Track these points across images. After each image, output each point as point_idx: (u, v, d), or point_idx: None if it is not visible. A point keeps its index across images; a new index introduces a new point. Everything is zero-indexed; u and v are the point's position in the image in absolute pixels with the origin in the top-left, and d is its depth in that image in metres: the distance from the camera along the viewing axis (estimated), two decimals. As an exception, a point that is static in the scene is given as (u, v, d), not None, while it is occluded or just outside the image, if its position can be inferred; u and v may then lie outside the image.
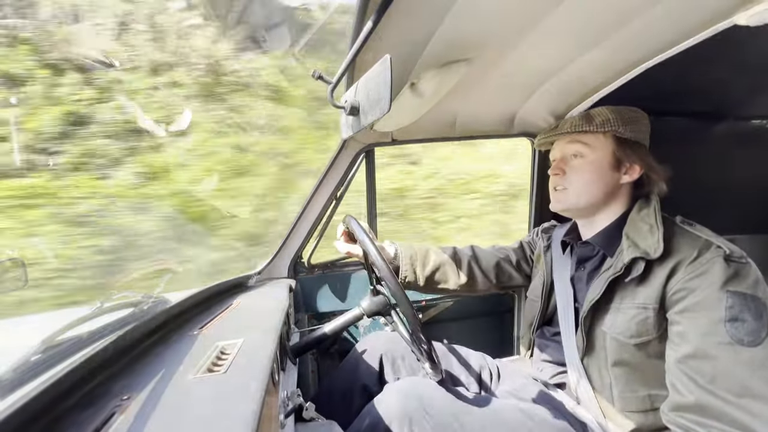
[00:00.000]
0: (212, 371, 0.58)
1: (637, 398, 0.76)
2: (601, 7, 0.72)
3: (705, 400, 0.62)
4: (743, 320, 0.63)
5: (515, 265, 1.17)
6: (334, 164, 1.27)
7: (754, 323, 0.62)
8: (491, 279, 1.15)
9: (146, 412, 0.48)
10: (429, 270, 1.09)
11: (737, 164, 1.70)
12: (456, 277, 1.12)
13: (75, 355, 0.57)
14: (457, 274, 1.12)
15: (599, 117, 0.85)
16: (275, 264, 1.32)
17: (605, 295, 0.80)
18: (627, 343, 0.75)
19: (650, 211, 0.81)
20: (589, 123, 0.85)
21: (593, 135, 0.86)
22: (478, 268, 1.14)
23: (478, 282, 1.14)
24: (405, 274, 1.07)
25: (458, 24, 0.74)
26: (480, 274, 1.14)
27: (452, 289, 1.12)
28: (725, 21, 0.69)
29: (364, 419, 0.79)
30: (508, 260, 1.17)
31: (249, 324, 0.81)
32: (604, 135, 0.85)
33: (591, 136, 0.86)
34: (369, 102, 0.61)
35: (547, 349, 0.99)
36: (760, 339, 0.61)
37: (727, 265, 0.67)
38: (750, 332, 0.62)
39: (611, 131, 0.84)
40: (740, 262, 0.68)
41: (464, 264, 1.14)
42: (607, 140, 0.85)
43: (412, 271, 1.08)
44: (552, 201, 0.94)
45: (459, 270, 1.13)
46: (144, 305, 0.88)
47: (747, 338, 0.62)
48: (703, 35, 0.74)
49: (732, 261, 0.68)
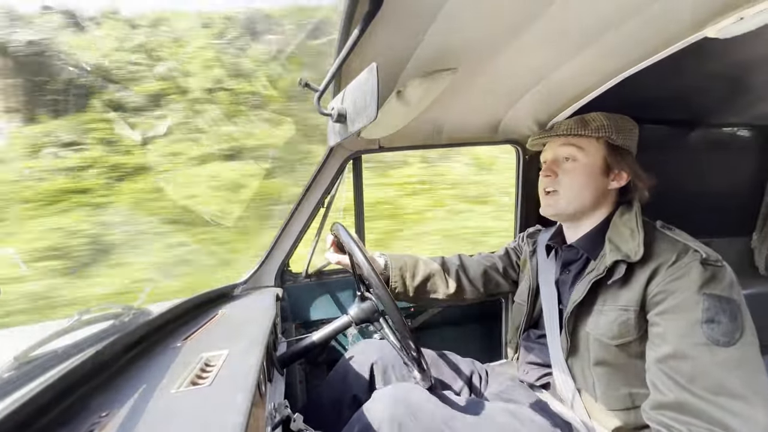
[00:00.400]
0: (196, 384, 0.56)
1: (619, 397, 0.78)
2: (581, 17, 0.75)
3: (684, 398, 0.65)
4: (719, 322, 0.65)
5: (502, 272, 1.18)
6: (321, 171, 1.27)
7: (729, 324, 0.65)
8: (479, 287, 1.16)
9: (126, 428, 0.46)
10: (418, 280, 1.10)
11: (713, 169, 1.77)
12: (445, 287, 1.13)
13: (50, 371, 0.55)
14: (446, 283, 1.13)
15: (595, 122, 0.86)
16: (261, 272, 1.30)
17: (588, 297, 0.82)
18: (609, 344, 0.77)
19: (632, 216, 0.83)
20: (585, 127, 0.86)
21: (587, 139, 0.87)
22: (466, 278, 1.15)
23: (467, 291, 1.15)
24: (395, 285, 1.08)
25: (443, 33, 0.75)
26: (468, 283, 1.15)
27: (441, 298, 1.13)
28: (697, 33, 0.72)
29: (354, 426, 0.79)
30: (495, 268, 1.18)
31: (234, 334, 0.79)
32: (598, 140, 0.87)
33: (585, 140, 0.88)
34: (356, 109, 0.61)
35: (532, 351, 1.00)
36: (734, 340, 0.64)
37: (703, 268, 0.70)
38: (725, 333, 0.64)
39: (605, 137, 0.85)
40: (716, 265, 0.70)
41: (452, 273, 1.14)
42: (600, 145, 0.87)
43: (402, 282, 1.08)
44: (543, 205, 0.95)
45: (448, 279, 1.14)
46: (125, 317, 0.85)
47: (722, 339, 0.64)
48: (677, 46, 0.77)
49: (708, 264, 0.70)
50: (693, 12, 0.70)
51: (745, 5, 0.63)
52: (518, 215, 1.57)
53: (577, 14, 0.73)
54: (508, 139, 1.41)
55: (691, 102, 1.45)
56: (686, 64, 1.08)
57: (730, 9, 0.65)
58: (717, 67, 1.15)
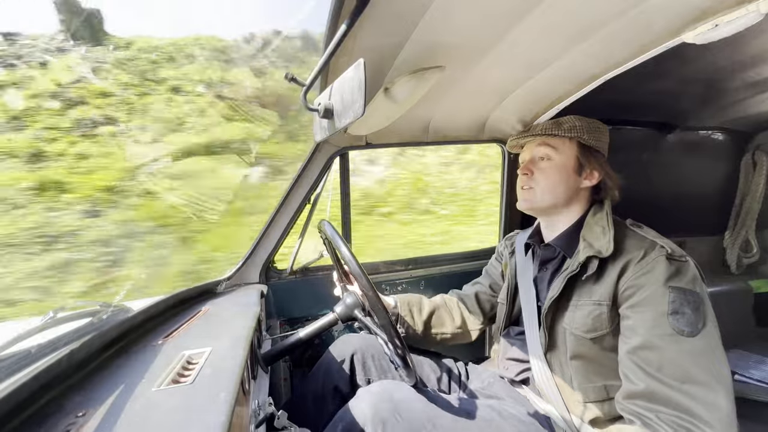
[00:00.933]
0: (178, 382, 0.55)
1: (595, 389, 0.81)
2: (564, 22, 0.76)
3: (653, 387, 0.68)
4: (683, 313, 0.69)
5: (490, 292, 1.22)
6: (307, 167, 1.26)
7: (693, 315, 0.69)
8: (478, 314, 1.19)
9: (105, 427, 0.45)
10: (425, 315, 1.13)
11: (687, 171, 1.83)
12: (451, 320, 1.16)
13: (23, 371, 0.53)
14: (452, 316, 1.17)
15: (567, 123, 0.91)
16: (246, 269, 1.28)
17: (564, 293, 0.85)
18: (584, 338, 0.81)
19: (603, 215, 0.88)
20: (558, 128, 0.91)
21: (560, 139, 0.92)
22: (466, 309, 1.20)
23: (470, 321, 1.18)
24: (404, 322, 1.10)
25: (431, 31, 0.76)
26: (469, 314, 1.19)
27: (450, 333, 1.15)
28: (675, 39, 0.75)
29: (338, 424, 0.79)
30: (483, 291, 1.22)
31: (218, 332, 0.78)
32: (570, 140, 0.91)
33: (558, 140, 0.92)
34: (343, 105, 0.61)
35: (512, 347, 1.03)
36: (697, 330, 0.68)
37: (669, 263, 0.74)
38: (689, 323, 0.68)
39: (576, 137, 0.90)
40: (680, 260, 0.75)
41: (454, 307, 1.19)
42: (572, 145, 0.92)
43: (411, 317, 1.11)
44: (519, 200, 0.99)
45: (452, 312, 1.18)
46: (103, 314, 0.83)
47: (687, 329, 0.68)
48: (656, 51, 0.80)
49: (673, 259, 0.74)
50: (671, 18, 0.72)
51: (721, 13, 0.66)
52: (503, 212, 1.59)
53: (561, 17, 0.75)
54: (493, 137, 1.43)
55: (669, 105, 1.50)
56: (664, 68, 1.12)
57: (707, 16, 0.68)
58: (693, 72, 1.19)
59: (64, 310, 0.81)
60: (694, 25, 0.70)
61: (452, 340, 1.17)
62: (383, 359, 1.06)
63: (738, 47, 1.03)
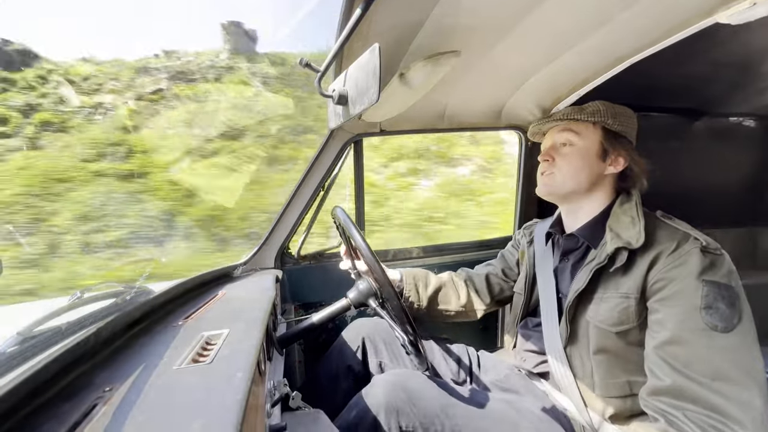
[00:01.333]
0: (197, 362, 0.58)
1: (618, 384, 0.79)
2: (586, 3, 0.73)
3: (680, 383, 0.65)
4: (717, 308, 0.66)
5: (502, 276, 1.20)
6: (321, 154, 1.26)
7: (728, 311, 0.65)
8: (486, 295, 1.18)
9: (129, 403, 0.47)
10: (431, 290, 1.12)
11: (715, 160, 1.75)
12: (456, 297, 1.16)
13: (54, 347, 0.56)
14: (457, 294, 1.16)
15: (590, 107, 0.88)
16: (261, 254, 1.31)
17: (589, 285, 0.82)
18: (609, 331, 0.78)
19: (632, 205, 0.84)
20: (581, 112, 0.88)
21: (583, 124, 0.89)
22: (473, 288, 1.18)
23: (475, 301, 1.17)
24: (408, 295, 1.10)
25: (447, 14, 0.73)
26: (475, 293, 1.18)
27: (454, 310, 1.15)
28: (707, 19, 0.70)
29: (352, 410, 0.80)
30: (495, 273, 1.21)
31: (235, 314, 0.80)
32: (594, 125, 0.88)
33: (581, 124, 0.89)
34: (357, 91, 0.60)
35: (530, 339, 1.01)
36: (732, 326, 0.65)
37: (703, 255, 0.70)
38: (723, 319, 0.65)
39: (600, 122, 0.87)
40: (715, 253, 0.71)
41: (461, 284, 1.18)
42: (596, 130, 0.88)
43: (416, 292, 1.11)
44: (539, 185, 0.96)
45: (458, 290, 1.17)
46: (126, 295, 0.86)
47: (721, 325, 0.65)
48: (685, 32, 0.75)
49: (708, 252, 0.71)
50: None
51: (759, -10, 0.61)
52: (519, 200, 1.56)
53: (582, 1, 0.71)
54: (510, 124, 1.40)
55: (697, 90, 1.43)
56: (693, 50, 1.06)
57: None
58: (725, 55, 1.13)
59: (90, 290, 0.85)
60: (729, 3, 0.66)
61: (456, 317, 1.17)
62: (394, 343, 1.07)
63: None
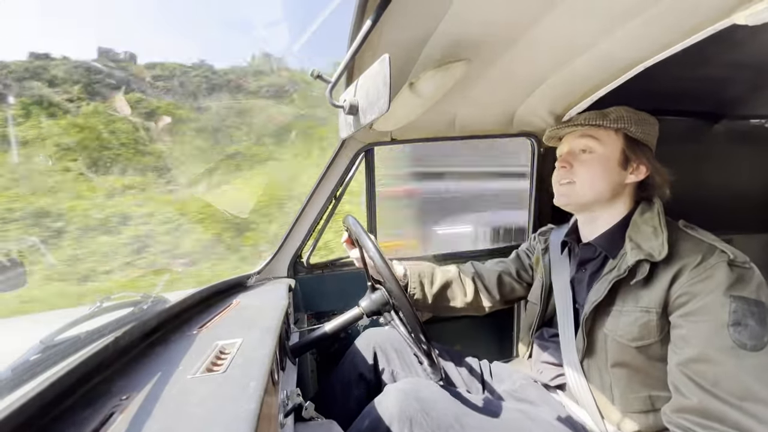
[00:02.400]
0: (211, 371, 0.58)
1: (638, 399, 0.76)
2: (598, 7, 0.72)
3: (707, 402, 0.62)
4: (746, 325, 0.62)
5: (515, 277, 1.17)
6: (333, 163, 1.27)
7: (758, 328, 0.62)
8: (495, 294, 1.15)
9: (145, 411, 0.48)
10: (437, 287, 1.11)
11: (735, 164, 1.70)
12: (462, 295, 1.13)
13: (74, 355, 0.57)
14: (464, 290, 1.14)
15: (613, 113, 0.85)
16: (274, 263, 1.32)
17: (608, 297, 0.79)
18: (628, 346, 0.75)
19: (653, 214, 0.81)
20: (604, 118, 0.85)
21: (605, 130, 0.86)
22: (482, 284, 1.15)
23: (483, 298, 1.15)
24: (413, 292, 1.09)
25: (457, 24, 0.74)
26: (484, 290, 1.15)
27: (459, 306, 1.13)
28: (724, 20, 0.69)
29: (365, 420, 0.79)
30: (508, 272, 1.17)
31: (248, 323, 0.81)
32: (616, 132, 0.85)
33: (603, 131, 0.86)
34: (368, 101, 0.61)
35: (546, 350, 0.99)
36: (762, 343, 0.61)
37: (730, 269, 0.67)
38: (753, 336, 0.62)
39: (623, 129, 0.84)
40: (744, 267, 0.68)
41: (469, 281, 1.15)
42: (618, 137, 0.85)
43: (421, 289, 1.09)
44: (556, 195, 0.93)
45: (465, 287, 1.14)
46: (143, 305, 0.88)
47: (750, 343, 0.61)
48: (702, 34, 0.74)
49: (736, 266, 0.67)
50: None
51: (777, -10, 0.60)
52: (532, 209, 1.54)
53: (595, 2, 0.71)
54: (522, 131, 1.39)
55: (715, 93, 1.39)
56: (711, 53, 1.04)
57: None
58: (743, 56, 1.10)
59: (109, 300, 0.87)
60: (747, 4, 0.64)
61: (462, 312, 1.15)
62: (406, 352, 1.06)
63: None
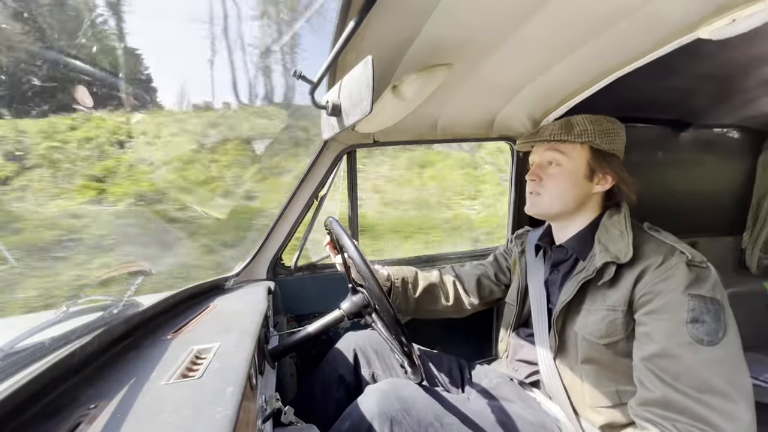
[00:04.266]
0: (186, 377, 0.56)
1: (607, 394, 0.79)
2: (575, 17, 0.75)
3: (669, 395, 0.66)
4: (703, 321, 0.67)
5: (494, 279, 1.20)
6: (315, 165, 1.26)
7: (713, 324, 0.66)
8: (474, 296, 1.18)
9: (115, 420, 0.46)
10: (419, 291, 1.12)
11: (700, 170, 1.80)
12: (444, 298, 1.16)
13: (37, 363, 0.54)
14: (446, 294, 1.16)
15: (578, 127, 0.86)
16: (254, 265, 1.30)
17: (577, 297, 0.83)
18: (597, 343, 0.79)
19: (620, 218, 0.85)
20: (568, 132, 0.86)
21: (571, 144, 0.87)
22: (462, 288, 1.18)
23: (464, 302, 1.17)
24: (396, 297, 1.10)
25: (439, 28, 0.75)
26: (464, 293, 1.18)
27: (441, 310, 1.15)
28: (690, 34, 0.73)
29: (345, 421, 0.79)
30: (487, 275, 1.20)
31: (226, 327, 0.79)
32: (581, 145, 0.87)
33: (569, 145, 0.87)
34: (351, 103, 0.61)
35: (522, 349, 1.01)
36: (717, 339, 0.66)
37: (689, 269, 0.71)
38: (709, 332, 0.66)
39: (588, 142, 0.85)
40: (701, 266, 0.72)
41: (449, 284, 1.18)
42: (583, 150, 0.87)
43: (404, 293, 1.11)
44: (527, 204, 0.97)
45: (446, 290, 1.17)
46: (113, 309, 0.84)
47: (707, 338, 0.66)
48: (669, 47, 0.78)
49: (694, 266, 0.72)
50: (686, 13, 0.70)
51: (738, 7, 0.64)
52: (511, 211, 1.58)
53: (572, 13, 0.73)
54: (502, 135, 1.42)
55: (682, 102, 1.46)
56: (678, 64, 1.10)
57: (723, 11, 0.66)
58: (708, 69, 1.17)
59: (76, 304, 0.83)
60: (711, 20, 0.68)
61: (443, 314, 1.18)
62: (387, 354, 1.07)
63: (756, 43, 1.00)
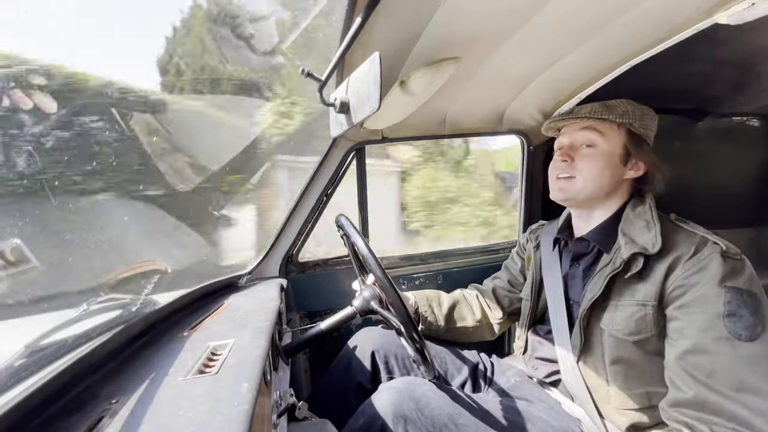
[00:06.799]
0: (203, 373, 0.57)
1: (635, 395, 0.76)
2: (585, 6, 0.73)
3: (704, 395, 0.63)
4: (741, 315, 0.63)
5: (509, 287, 1.19)
6: (324, 162, 1.27)
7: (751, 318, 0.63)
8: (497, 309, 1.17)
9: (135, 415, 0.47)
10: (446, 309, 1.12)
11: (719, 160, 1.74)
12: (471, 313, 1.15)
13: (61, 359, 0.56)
14: (471, 310, 1.16)
15: (619, 107, 0.83)
16: (266, 263, 1.31)
17: (603, 292, 0.79)
18: (626, 341, 0.75)
19: (645, 208, 0.81)
20: (609, 112, 0.83)
21: (609, 124, 0.84)
22: (486, 303, 1.18)
23: (491, 316, 1.17)
24: (426, 315, 1.09)
25: (447, 22, 0.74)
26: (488, 308, 1.18)
27: (471, 326, 1.14)
28: (707, 20, 0.70)
29: (359, 419, 0.79)
30: (502, 286, 1.19)
31: (240, 324, 0.80)
32: (619, 127, 0.84)
33: (607, 125, 0.84)
34: (359, 100, 0.61)
35: (541, 347, 0.99)
36: (756, 334, 0.62)
37: (724, 261, 0.67)
38: (747, 327, 0.62)
39: (627, 123, 0.82)
40: (736, 258, 0.68)
41: (474, 301, 1.18)
42: (620, 132, 0.84)
43: (431, 312, 1.10)
44: (554, 189, 0.92)
45: (471, 306, 1.17)
46: (132, 307, 0.86)
47: (745, 333, 0.62)
48: (685, 33, 0.76)
49: (728, 257, 0.68)
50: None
51: (758, -10, 0.61)
52: (523, 206, 1.56)
53: (583, 1, 0.71)
54: (512, 129, 1.40)
55: (700, 91, 1.42)
56: (695, 51, 1.06)
57: None
58: (727, 55, 1.13)
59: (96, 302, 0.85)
60: (729, 4, 0.66)
61: (475, 333, 1.15)
62: (406, 358, 1.05)
63: None
